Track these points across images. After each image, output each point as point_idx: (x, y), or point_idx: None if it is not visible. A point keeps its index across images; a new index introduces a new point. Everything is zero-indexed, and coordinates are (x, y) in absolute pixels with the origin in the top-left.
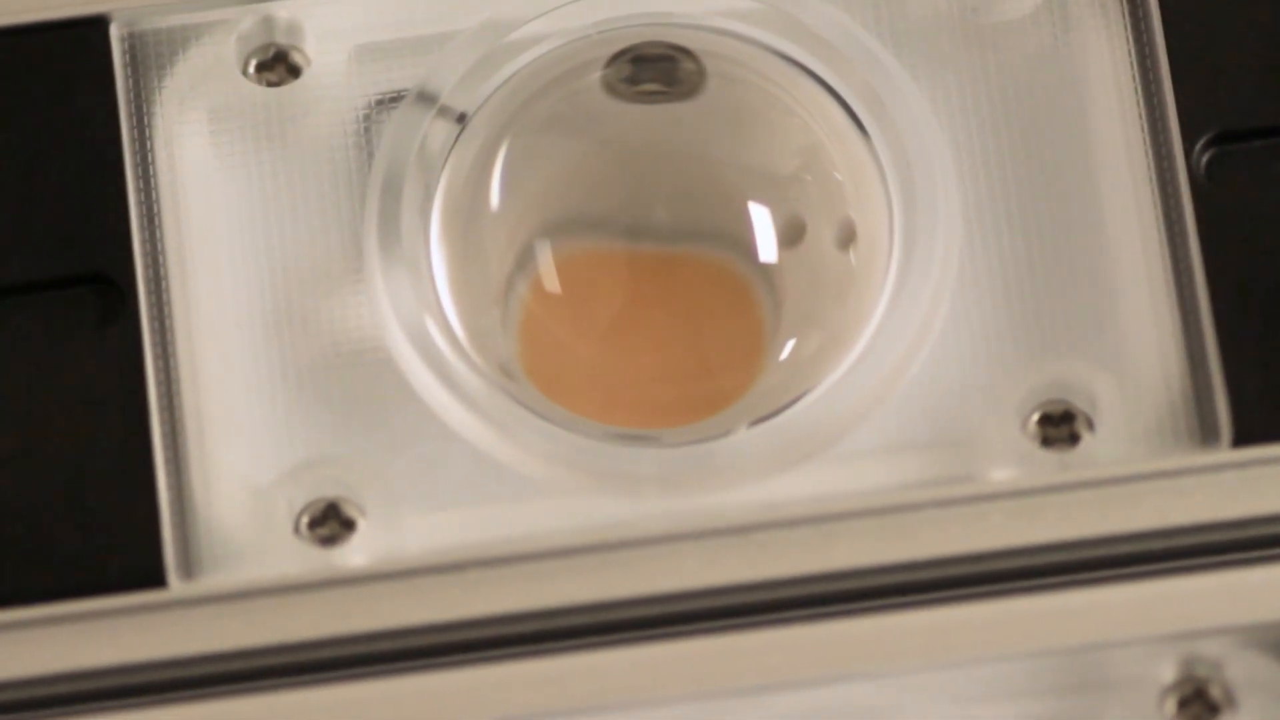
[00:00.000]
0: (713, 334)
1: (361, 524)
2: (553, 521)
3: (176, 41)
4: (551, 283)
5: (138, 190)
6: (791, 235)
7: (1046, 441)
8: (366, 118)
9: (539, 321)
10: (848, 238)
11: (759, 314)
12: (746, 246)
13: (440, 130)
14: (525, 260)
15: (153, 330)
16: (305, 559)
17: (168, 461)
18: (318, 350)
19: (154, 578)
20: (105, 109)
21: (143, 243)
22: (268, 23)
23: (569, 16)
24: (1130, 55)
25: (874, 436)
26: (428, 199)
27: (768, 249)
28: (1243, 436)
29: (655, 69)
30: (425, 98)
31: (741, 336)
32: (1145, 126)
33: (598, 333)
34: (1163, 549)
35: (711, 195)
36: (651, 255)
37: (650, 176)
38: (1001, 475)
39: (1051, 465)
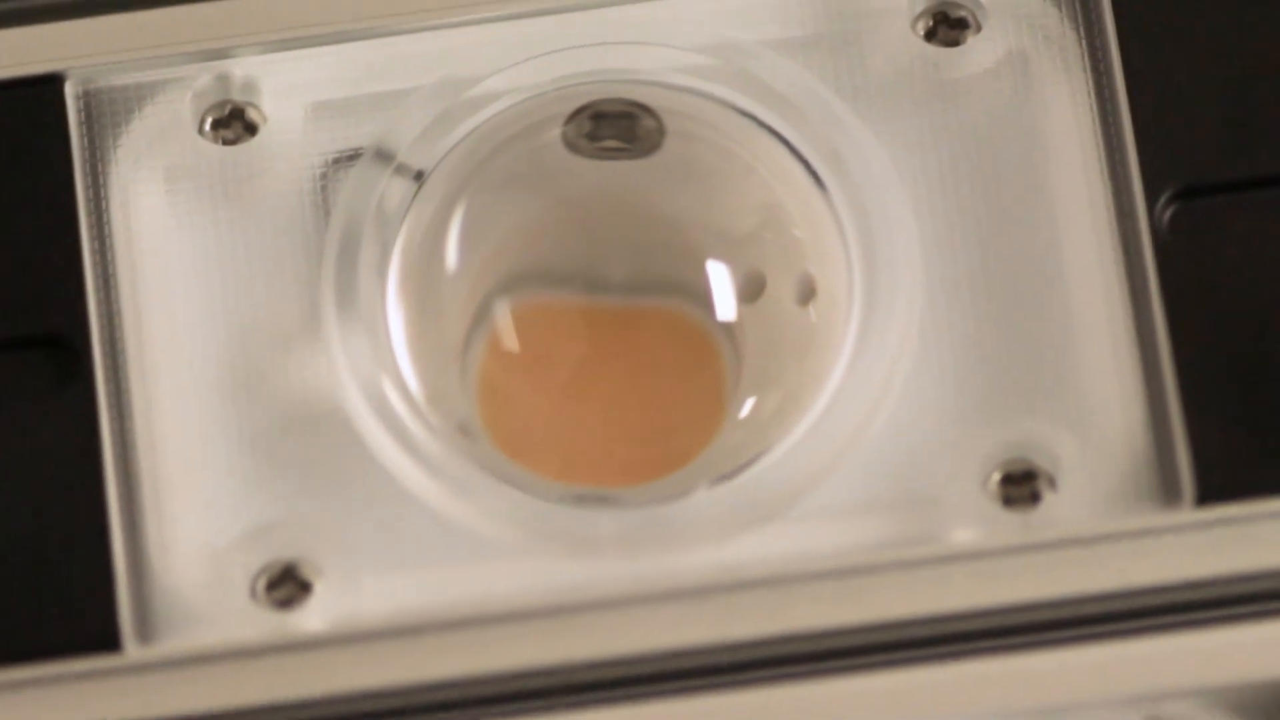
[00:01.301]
0: (672, 392)
1: (318, 586)
2: (511, 583)
3: (132, 99)
4: (510, 341)
5: (93, 250)
6: (751, 291)
7: (1008, 501)
8: (323, 175)
9: (497, 380)
10: (808, 294)
11: (719, 370)
12: (706, 303)
13: (398, 188)
14: (483, 318)
15: (108, 392)
16: (262, 622)
17: (123, 524)
18: (274, 411)
19: (109, 642)
20: (60, 168)
21: (98, 303)
22: (224, 80)
23: (527, 73)
24: (1092, 110)
25: (834, 497)
26: (385, 257)
27: (726, 307)
28: (1206, 496)
29: (615, 125)
30: (382, 155)
31: (701, 394)
32: (1107, 181)
33: (556, 391)
34: (1126, 610)
35: (671, 252)
36: (610, 311)
37: (609, 233)
38: (963, 536)
39: (1013, 526)
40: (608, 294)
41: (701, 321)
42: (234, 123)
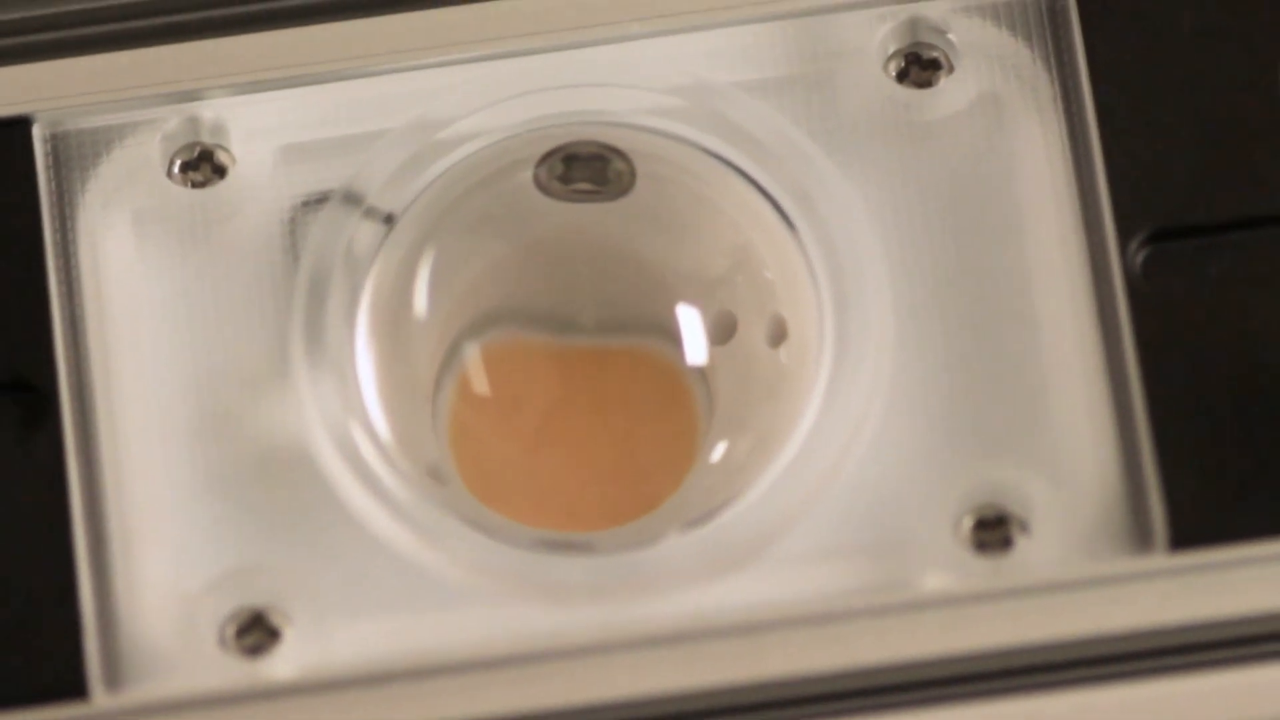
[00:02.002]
0: (644, 434)
1: (288, 633)
2: (482, 631)
3: (101, 142)
4: (480, 383)
5: (61, 294)
6: (722, 332)
7: (980, 546)
8: (293, 219)
9: (468, 424)
10: (779, 336)
11: (691, 413)
12: (678, 344)
13: (367, 231)
14: (453, 360)
15: (76, 437)
16: (231, 669)
17: (91, 570)
18: (243, 456)
19: (76, 689)
20: (28, 211)
21: (66, 348)
22: (193, 122)
23: (499, 115)
24: (1065, 152)
25: (805, 542)
26: (354, 301)
27: (697, 351)
28: (1180, 541)
29: (587, 168)
30: (352, 198)
31: (673, 438)
32: (1080, 224)
33: (527, 435)
34: (1099, 656)
35: (642, 294)
36: (582, 354)
37: (581, 276)
38: (935, 581)
39: (985, 571)
40: (579, 335)
41: (673, 363)
42: (203, 165)
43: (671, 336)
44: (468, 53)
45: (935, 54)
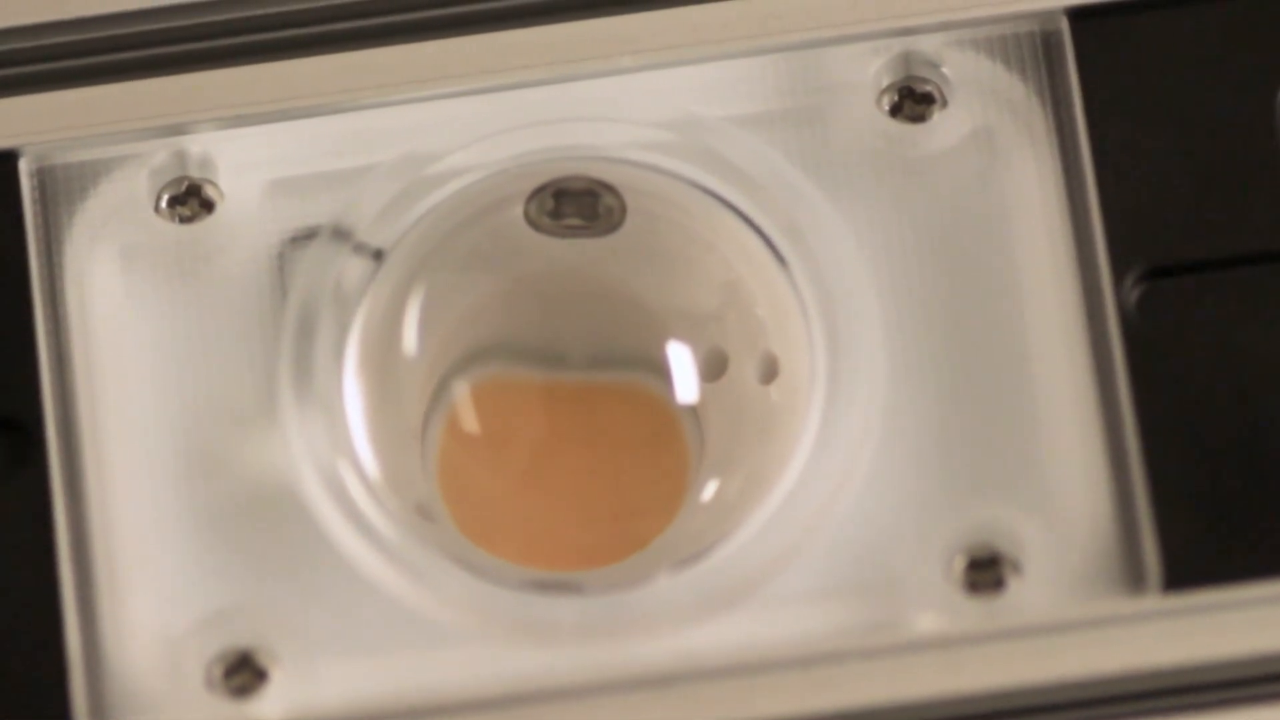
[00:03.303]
0: (634, 473)
1: (275, 674)
2: (471, 672)
3: (88, 177)
4: (469, 421)
5: (47, 330)
6: (713, 369)
7: (973, 587)
8: (281, 254)
9: (457, 461)
10: (770, 373)
11: (681, 450)
12: (669, 381)
13: (356, 267)
14: (442, 397)
15: (62, 475)
16: (218, 710)
17: (77, 610)
18: (231, 495)
19: None
20: (14, 246)
21: (52, 385)
22: (180, 157)
23: (488, 149)
24: (1059, 188)
25: (797, 583)
26: (343, 337)
27: (688, 388)
28: (1173, 582)
29: (577, 203)
30: (340, 233)
31: (663, 475)
32: (1074, 261)
33: (516, 473)
34: (1091, 698)
35: (633, 331)
36: (571, 390)
37: (571, 312)
38: (927, 623)
39: (977, 612)
40: (569, 372)
41: (664, 399)
42: (191, 200)
43: (662, 373)
44: (457, 86)
45: (929, 88)
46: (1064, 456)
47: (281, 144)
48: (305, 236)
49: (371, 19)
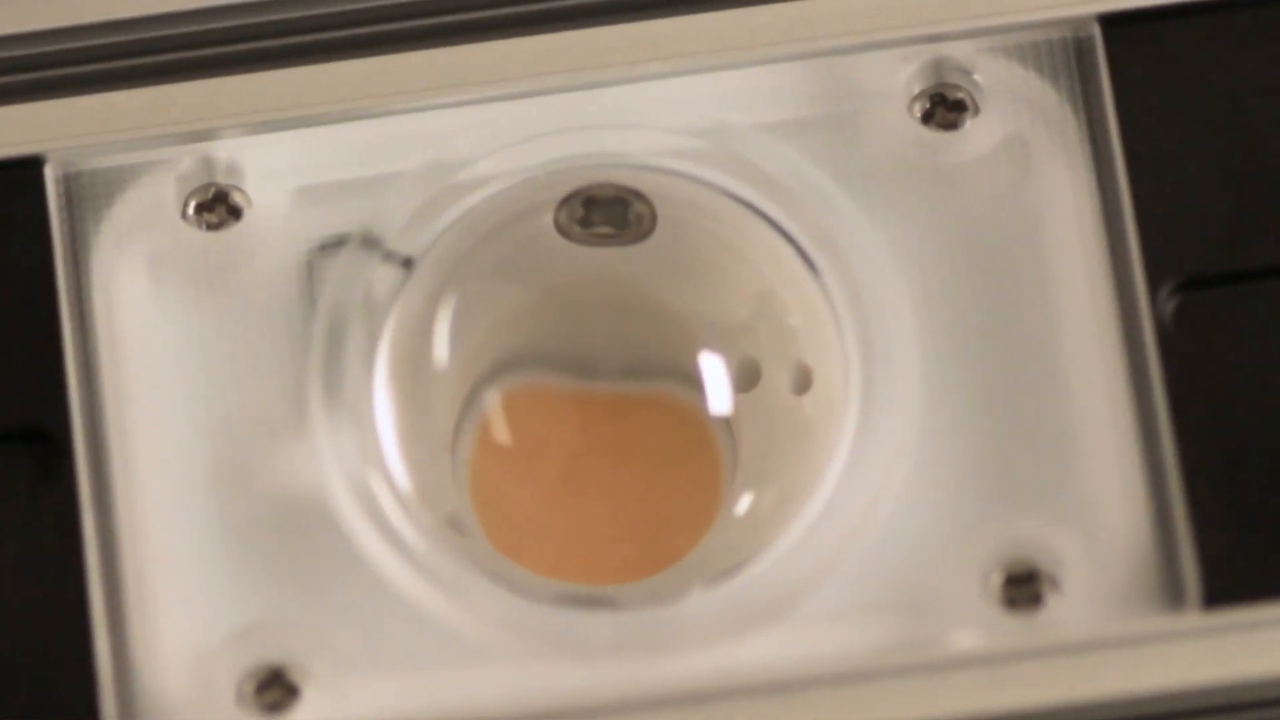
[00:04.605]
0: (667, 486)
1: (307, 690)
2: (504, 688)
3: (114, 183)
4: (501, 431)
5: (74, 339)
6: (746, 380)
7: (1010, 603)
8: (309, 263)
9: (488, 473)
10: (804, 384)
11: (714, 462)
12: (700, 392)
13: (385, 275)
14: (474, 408)
15: (91, 487)
16: None
17: (107, 625)
18: (260, 507)
19: None
20: (40, 253)
21: (80, 395)
22: (207, 163)
23: (517, 156)
24: (1094, 197)
25: (832, 599)
26: (373, 346)
27: (720, 399)
28: (1213, 598)
29: (607, 211)
30: (369, 241)
31: (696, 488)
32: (1109, 271)
33: (549, 485)
34: (1130, 716)
35: (664, 340)
36: (603, 401)
37: (602, 321)
38: (964, 640)
39: (1015, 629)
40: (600, 381)
41: (696, 411)
42: (218, 206)
43: (694, 383)
44: (486, 92)
45: (960, 95)
46: (1101, 471)
47: (309, 150)
48: (334, 244)
49: (400, 23)
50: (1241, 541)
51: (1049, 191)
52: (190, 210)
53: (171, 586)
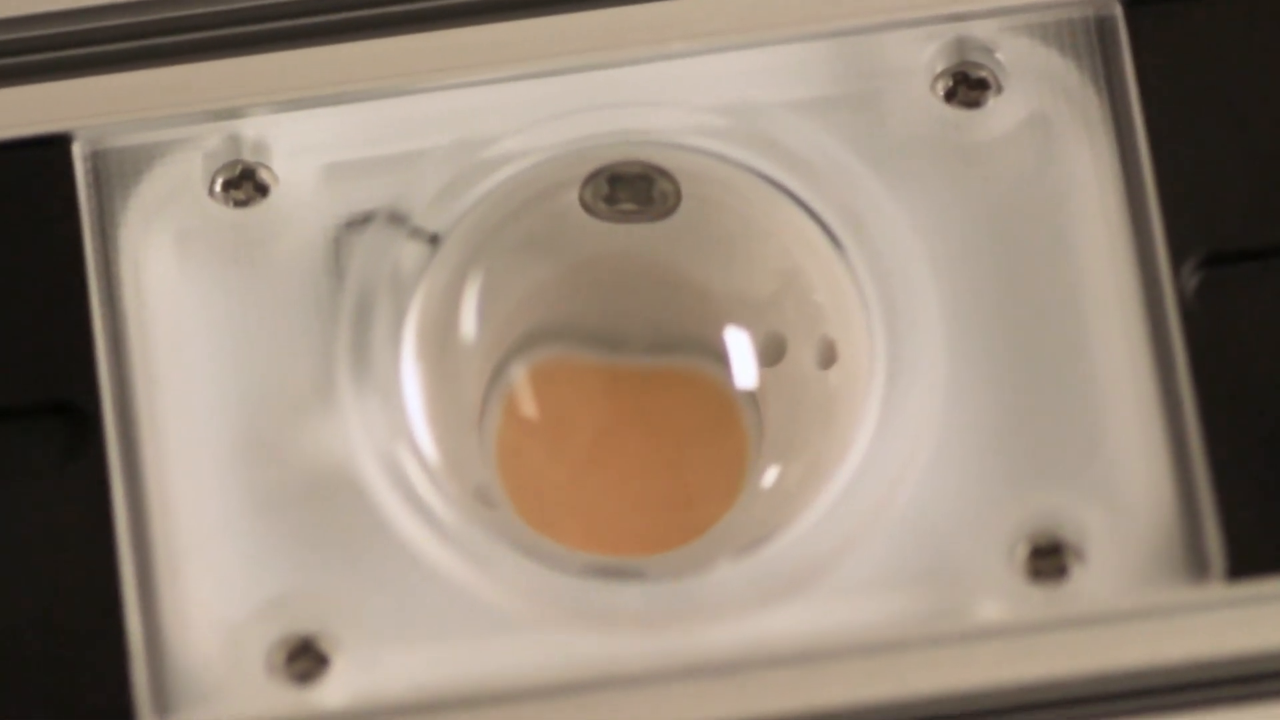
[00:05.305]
0: (693, 459)
1: (337, 660)
2: (533, 658)
3: (141, 160)
4: (528, 405)
5: (103, 314)
6: (772, 354)
7: (1036, 574)
8: (336, 239)
9: (516, 446)
10: (829, 358)
11: (741, 436)
12: (726, 367)
13: (412, 251)
14: (501, 382)
15: (121, 460)
16: (280, 697)
17: (138, 596)
18: (289, 480)
19: (124, 716)
20: (68, 230)
21: (109, 369)
22: (234, 141)
23: (543, 134)
24: (1116, 174)
25: (859, 571)
26: (400, 321)
27: (746, 375)
28: (1237, 570)
29: (632, 188)
30: (397, 218)
31: (723, 461)
32: (1132, 247)
33: (576, 458)
34: (1155, 686)
35: (690, 316)
36: (630, 375)
37: (628, 296)
38: (990, 610)
39: (1040, 600)
40: (627, 356)
41: (723, 383)
42: (245, 184)
43: (720, 358)
44: (512, 71)
45: (983, 74)
46: (1126, 444)
47: (336, 128)
48: (360, 221)
49: (428, 2)
50: (1265, 513)
51: (1072, 169)
52: (217, 187)
53: (202, 558)
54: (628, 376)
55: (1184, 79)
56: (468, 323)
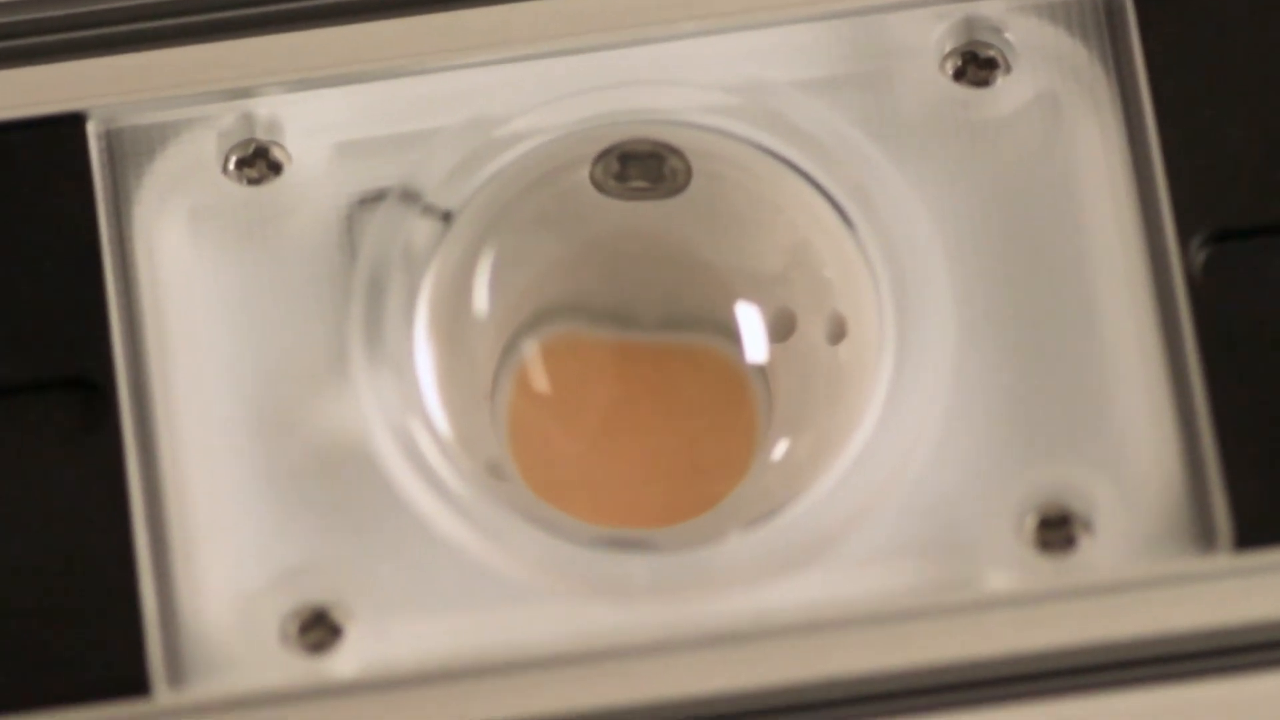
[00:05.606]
0: (704, 433)
1: (350, 630)
2: (544, 629)
3: (155, 139)
4: (540, 380)
5: (117, 290)
6: (782, 329)
7: (1044, 545)
8: (349, 216)
9: (528, 420)
10: (838, 333)
11: (751, 411)
12: (737, 341)
13: (425, 228)
14: (512, 357)
15: (135, 433)
16: (293, 666)
17: (152, 567)
18: (302, 453)
19: (138, 686)
20: (83, 207)
21: (123, 344)
22: (247, 119)
23: (554, 113)
24: (1124, 152)
25: (869, 542)
26: (412, 298)
27: (756, 349)
28: (1244, 540)
29: (643, 166)
30: (409, 196)
31: (733, 436)
32: (1140, 224)
33: (587, 432)
34: (1163, 655)
35: (700, 292)
36: (641, 351)
37: (638, 272)
38: (998, 581)
39: (1049, 570)
40: (638, 332)
41: (733, 359)
42: (258, 162)
43: (730, 334)
44: (523, 50)
45: (992, 53)
46: (1133, 416)
47: (349, 107)
48: (373, 199)
49: None
50: (1272, 484)
51: (1080, 147)
52: (231, 165)
53: (216, 530)
54: (638, 352)
55: (1191, 57)
56: (480, 299)
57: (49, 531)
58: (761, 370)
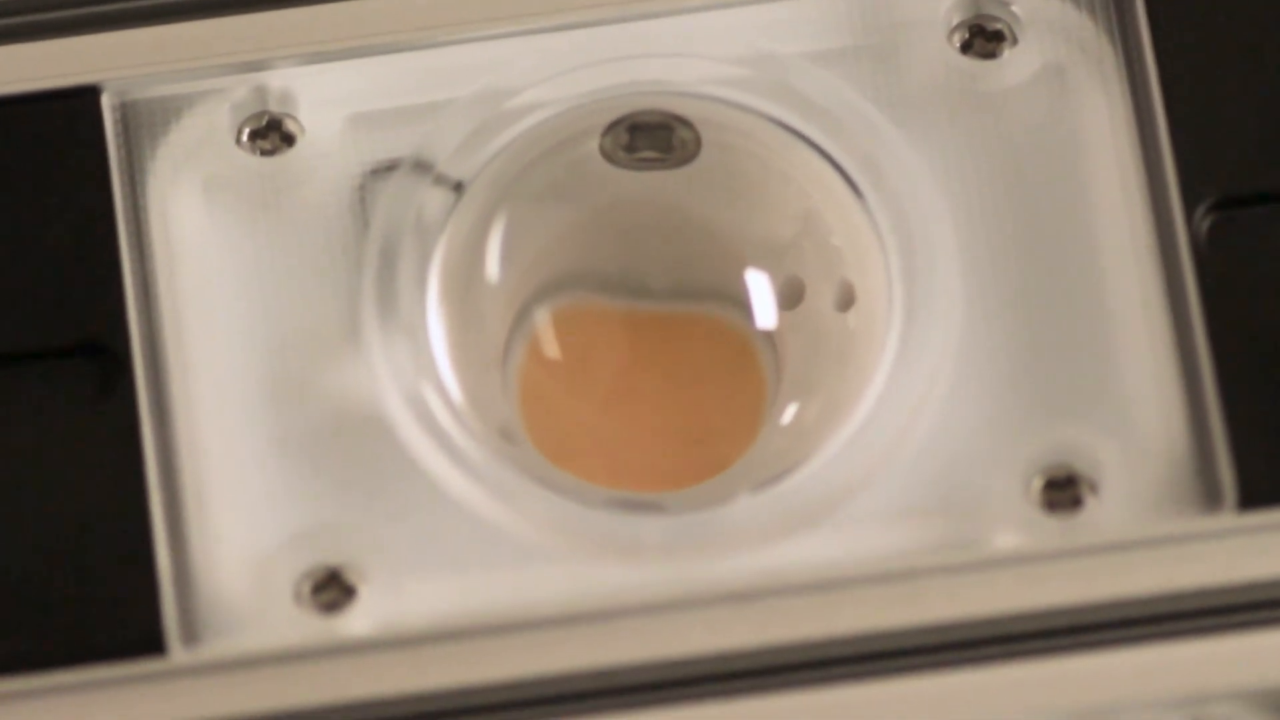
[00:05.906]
0: (713, 398)
1: (363, 590)
2: (555, 588)
3: (169, 111)
4: (551, 347)
5: (132, 259)
6: (791, 297)
7: (1050, 506)
8: (361, 186)
9: (539, 386)
10: (847, 300)
11: (760, 375)
12: (746, 309)
13: (437, 198)
14: (524, 324)
15: (150, 399)
16: (307, 626)
17: (167, 529)
18: (316, 418)
19: (154, 645)
20: (98, 178)
21: (138, 311)
22: (260, 91)
23: (565, 84)
24: (1129, 121)
25: (877, 502)
26: (424, 266)
27: (766, 315)
28: (1249, 500)
29: (652, 137)
30: (421, 166)
31: (742, 401)
32: (1145, 192)
33: (598, 397)
34: (1169, 612)
35: (710, 261)
36: (650, 317)
37: (648, 242)
38: (1005, 541)
39: (1055, 530)
40: (648, 300)
41: (742, 327)
42: (271, 134)
43: (740, 302)
44: (534, 23)
45: (999, 25)
46: (1139, 379)
47: (362, 80)
48: (385, 169)
49: None
50: (1276, 445)
51: (1086, 117)
52: (244, 137)
53: (230, 493)
54: (648, 321)
55: (1196, 26)
56: (491, 267)
57: (66, 495)
58: (770, 337)
